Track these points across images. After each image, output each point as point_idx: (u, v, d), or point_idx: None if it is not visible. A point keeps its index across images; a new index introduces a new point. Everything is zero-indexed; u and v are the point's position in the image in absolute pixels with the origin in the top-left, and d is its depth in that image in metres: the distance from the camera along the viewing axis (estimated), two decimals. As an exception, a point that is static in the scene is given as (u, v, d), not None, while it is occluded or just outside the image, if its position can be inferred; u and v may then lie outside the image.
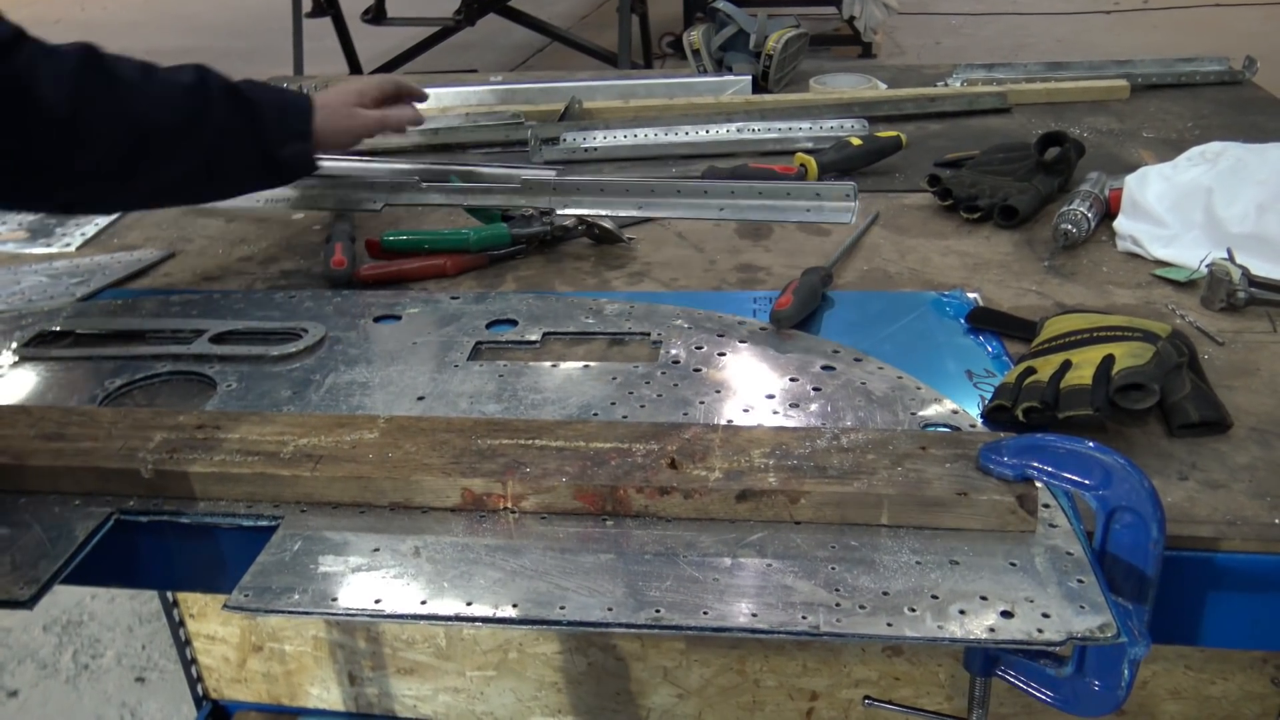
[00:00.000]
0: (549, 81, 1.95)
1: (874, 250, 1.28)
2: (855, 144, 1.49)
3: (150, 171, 1.14)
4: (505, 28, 6.39)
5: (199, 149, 1.16)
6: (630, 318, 1.14)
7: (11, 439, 0.92)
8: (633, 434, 0.88)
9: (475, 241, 1.27)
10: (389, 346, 1.11)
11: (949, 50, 6.44)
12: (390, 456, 0.87)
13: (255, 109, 1.19)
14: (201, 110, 1.15)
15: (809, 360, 1.04)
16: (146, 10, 9.48)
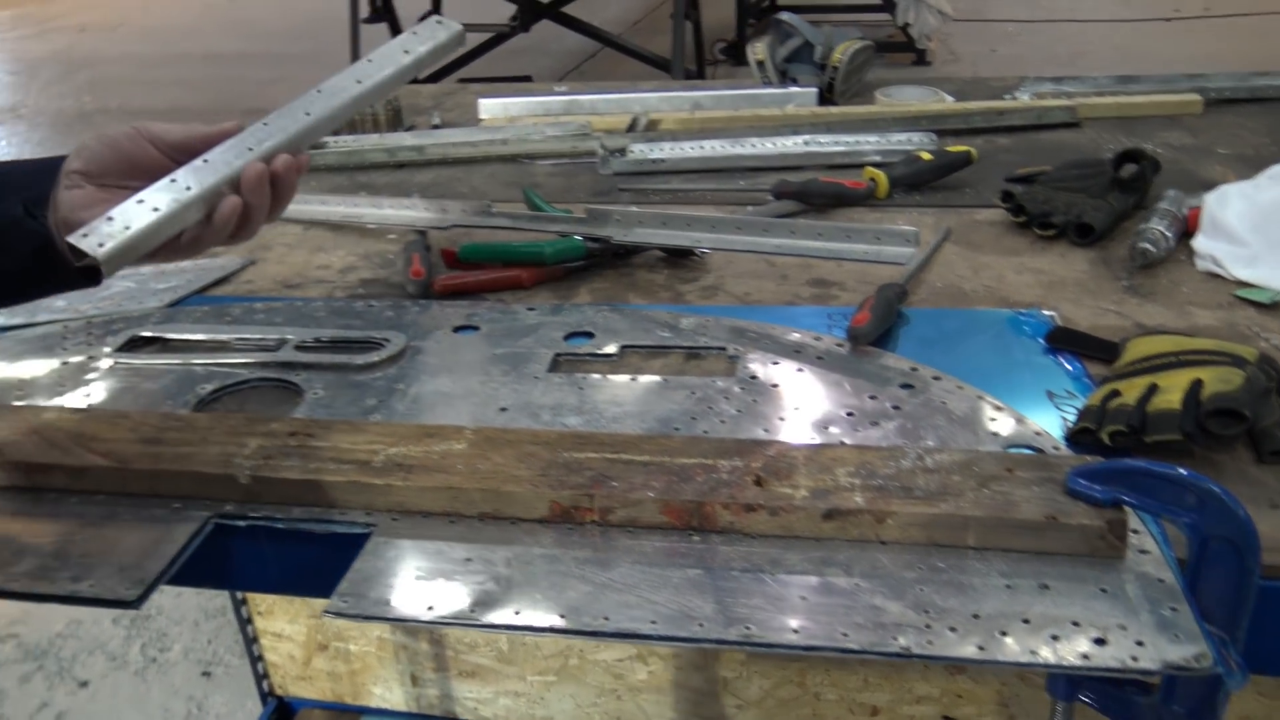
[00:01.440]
0: (613, 92, 1.97)
1: (947, 266, 1.28)
2: (925, 158, 1.49)
3: None
4: (558, 33, 6.44)
5: None
6: (706, 332, 1.15)
7: (114, 443, 0.95)
8: (717, 450, 0.89)
9: (551, 254, 1.29)
10: (469, 357, 1.13)
11: (1005, 58, 6.38)
12: (479, 468, 0.89)
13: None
14: None
15: (887, 378, 1.04)
16: (206, 15, 9.66)
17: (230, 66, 7.65)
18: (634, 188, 1.58)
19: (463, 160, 1.73)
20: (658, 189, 1.56)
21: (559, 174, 1.67)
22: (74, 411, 1.01)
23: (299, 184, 0.96)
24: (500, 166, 1.71)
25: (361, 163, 1.74)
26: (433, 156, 1.73)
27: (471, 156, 1.73)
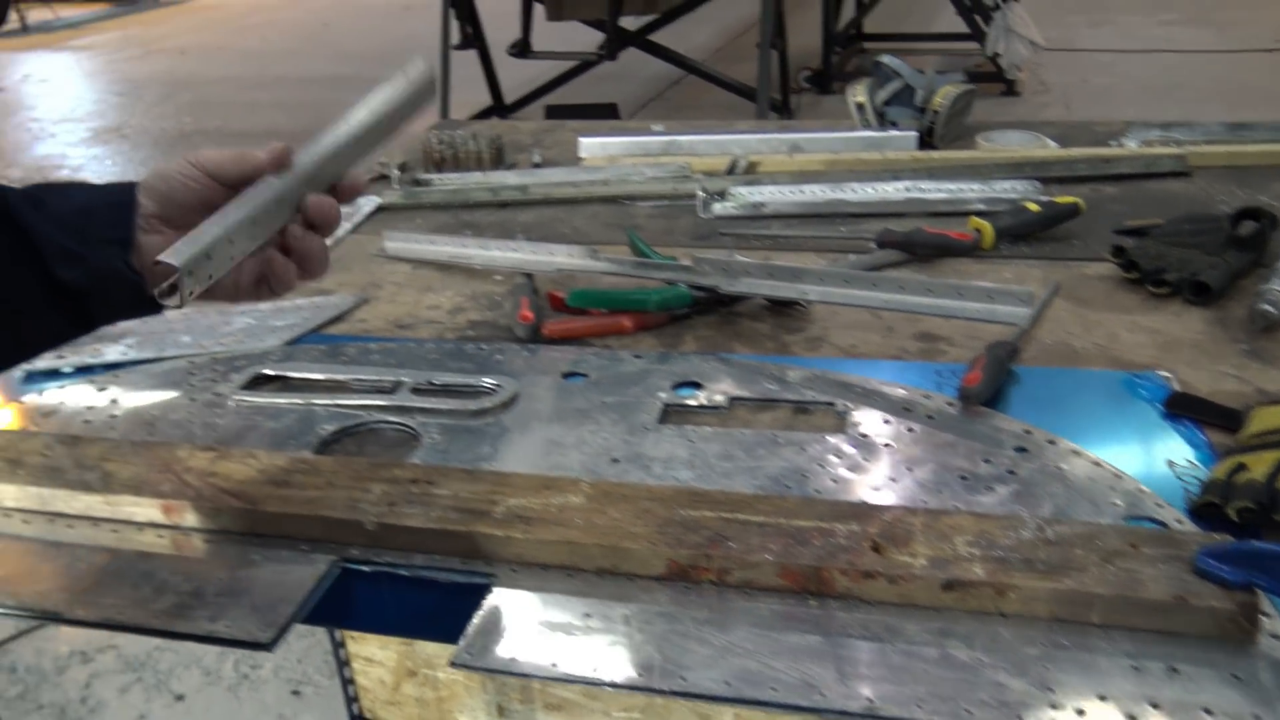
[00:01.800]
0: (711, 133, 1.99)
1: (1057, 323, 1.27)
2: (1032, 209, 1.48)
3: None
4: (643, 59, 6.50)
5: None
6: (814, 386, 1.16)
7: (244, 483, 0.99)
8: (833, 513, 0.90)
9: (657, 302, 1.30)
10: (580, 405, 1.15)
11: (1098, 89, 6.27)
12: (597, 523, 0.91)
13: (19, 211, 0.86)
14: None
15: (1000, 441, 1.04)
16: (301, 40, 9.95)
17: (323, 90, 7.85)
18: (735, 232, 1.59)
19: (565, 200, 1.76)
20: (759, 234, 1.58)
21: (659, 216, 1.69)
22: (206, 450, 1.05)
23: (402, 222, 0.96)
24: (601, 207, 1.74)
25: (466, 201, 1.78)
26: (535, 196, 1.76)
27: (573, 197, 1.76)
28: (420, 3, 10.44)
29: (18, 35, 11.18)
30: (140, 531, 0.99)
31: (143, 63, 9.38)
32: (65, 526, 1.00)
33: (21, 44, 10.71)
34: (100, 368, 1.31)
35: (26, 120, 7.75)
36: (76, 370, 1.31)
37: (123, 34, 10.97)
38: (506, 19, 5.99)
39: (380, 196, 1.81)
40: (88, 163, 6.57)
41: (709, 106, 6.48)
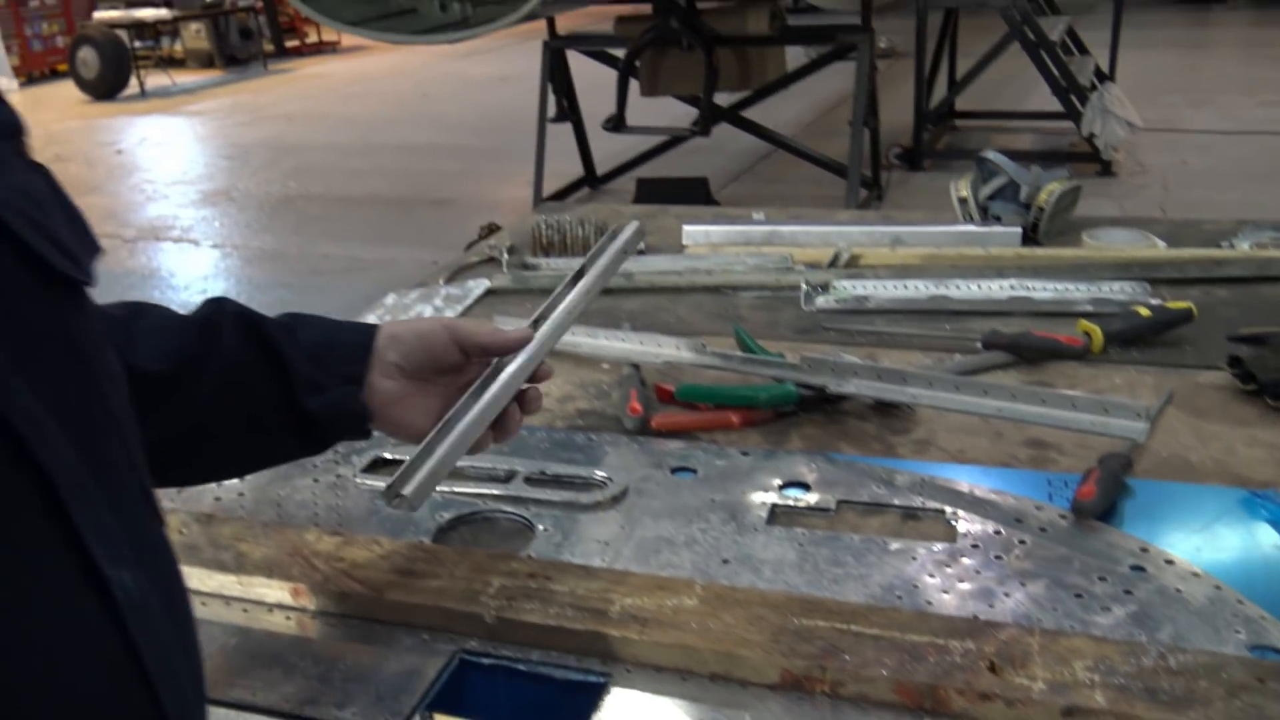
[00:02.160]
0: (813, 223, 2.02)
1: (1171, 434, 1.25)
2: (1143, 314, 1.47)
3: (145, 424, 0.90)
4: (733, 133, 6.61)
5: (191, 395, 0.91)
6: (922, 491, 1.16)
7: (368, 570, 1.03)
8: (948, 629, 0.90)
9: (765, 400, 1.33)
10: (689, 501, 1.17)
11: (1197, 171, 6.17)
12: (711, 627, 0.92)
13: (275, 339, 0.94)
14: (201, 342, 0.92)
15: (1115, 558, 1.03)
16: (401, 109, 10.32)
17: (422, 158, 8.13)
18: (838, 326, 1.61)
19: (668, 289, 1.80)
20: (862, 329, 1.59)
21: (762, 306, 1.72)
22: (332, 534, 1.10)
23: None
24: (705, 296, 1.78)
25: (573, 286, 1.83)
26: (640, 284, 1.81)
27: (677, 285, 1.80)
28: (516, 74, 10.79)
29: (137, 100, 11.81)
30: (269, 612, 1.03)
31: (251, 128, 9.82)
32: (199, 603, 1.05)
33: (140, 108, 11.30)
34: (229, 444, 1.37)
35: (141, 181, 8.15)
36: (207, 446, 1.37)
37: (234, 100, 11.50)
38: (600, 92, 6.14)
39: (490, 279, 1.87)
40: (196, 223, 6.87)
41: (798, 181, 6.54)
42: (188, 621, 0.70)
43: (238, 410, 0.94)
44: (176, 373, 0.91)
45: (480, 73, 11.83)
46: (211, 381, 0.92)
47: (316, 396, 0.95)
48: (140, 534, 0.64)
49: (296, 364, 0.94)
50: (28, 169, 0.64)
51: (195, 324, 0.94)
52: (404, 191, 7.21)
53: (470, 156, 8.00)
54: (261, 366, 0.94)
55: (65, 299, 0.62)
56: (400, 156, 8.26)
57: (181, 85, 12.69)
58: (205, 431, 0.93)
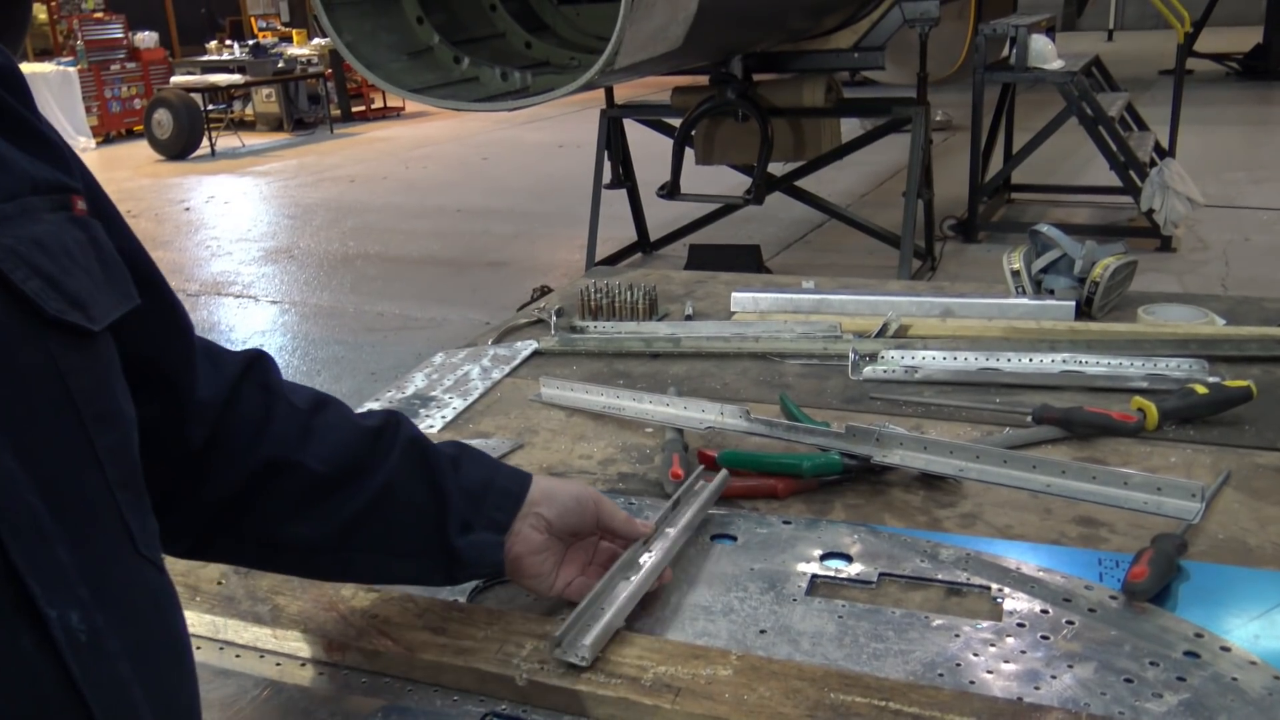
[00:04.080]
0: (862, 292, 2.01)
1: (1228, 515, 1.21)
2: (1200, 391, 1.44)
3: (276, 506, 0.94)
4: (787, 202, 6.64)
5: (350, 500, 0.96)
6: (968, 567, 1.13)
7: (402, 628, 1.03)
8: (990, 710, 0.87)
9: (809, 469, 1.31)
10: (728, 569, 1.16)
11: (1260, 248, 6.07)
12: (746, 699, 0.90)
13: (441, 472, 1.00)
14: (372, 456, 0.97)
15: (1168, 642, 0.99)
16: (460, 172, 10.53)
17: (478, 221, 8.27)
18: (886, 396, 1.59)
19: (715, 354, 1.80)
20: (910, 400, 1.57)
21: (810, 375, 1.71)
22: (368, 591, 1.09)
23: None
24: (751, 363, 1.77)
25: (619, 350, 1.83)
26: (687, 349, 1.81)
27: (724, 351, 1.80)
28: (573, 141, 10.99)
29: (207, 160, 12.20)
30: (302, 667, 1.03)
31: (314, 189, 10.08)
32: (233, 655, 1.05)
33: (210, 168, 11.66)
34: (273, 497, 1.38)
35: (207, 238, 8.38)
36: (251, 498, 1.38)
37: (299, 162, 11.83)
38: (655, 160, 6.22)
39: (537, 341, 1.88)
40: (257, 280, 7.03)
41: (851, 251, 6.54)
42: (165, 666, 0.70)
43: (387, 530, 0.98)
44: (339, 479, 0.96)
45: (538, 139, 12.06)
46: (369, 496, 0.96)
47: (464, 536, 1.00)
48: (108, 574, 0.65)
49: (455, 501, 1.00)
50: (65, 222, 0.68)
51: (370, 435, 0.99)
52: (459, 253, 7.32)
53: (525, 220, 8.12)
54: (421, 495, 0.99)
55: (60, 342, 0.64)
56: (457, 219, 8.41)
57: (250, 147, 13.09)
58: (351, 541, 0.98)
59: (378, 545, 0.99)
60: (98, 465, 0.67)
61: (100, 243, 0.72)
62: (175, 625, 0.75)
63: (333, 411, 0.99)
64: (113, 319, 0.70)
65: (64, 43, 14.51)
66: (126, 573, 0.68)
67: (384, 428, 1.00)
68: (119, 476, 0.68)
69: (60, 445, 0.64)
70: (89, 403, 0.66)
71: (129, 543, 0.69)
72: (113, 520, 0.68)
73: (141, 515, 0.71)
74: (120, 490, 0.68)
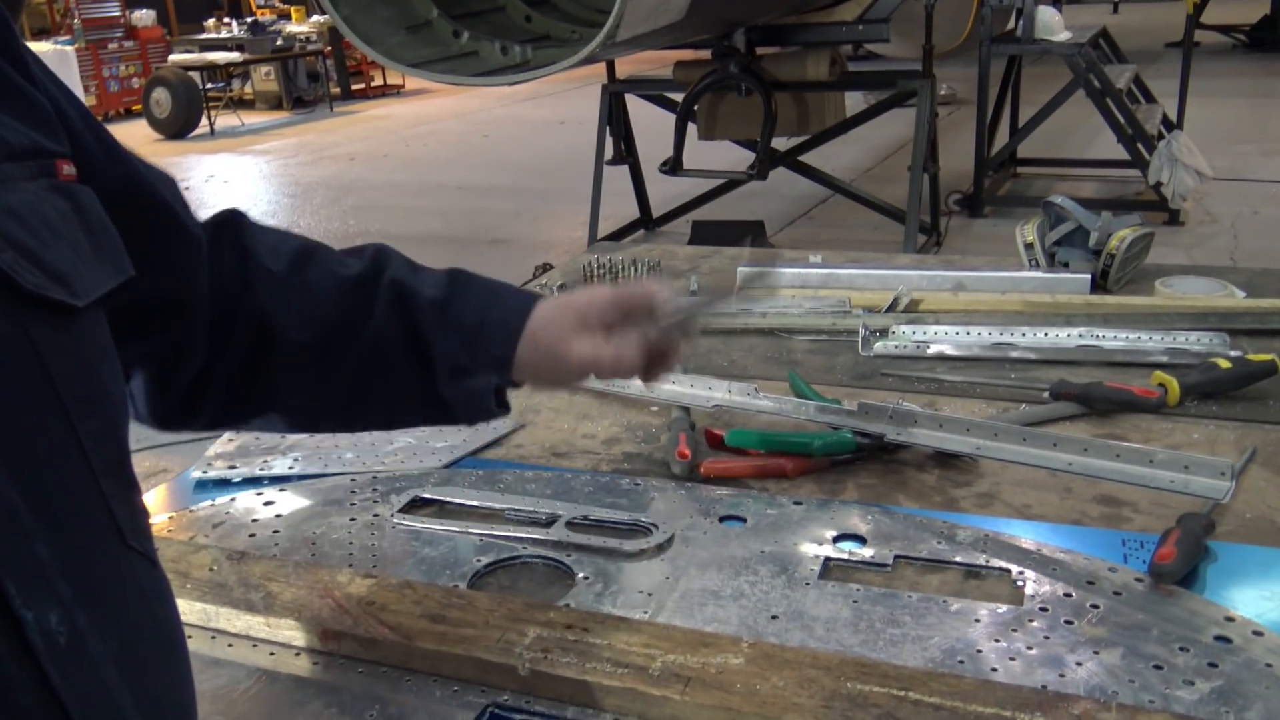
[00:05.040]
0: (871, 266, 1.96)
1: (1255, 493, 1.17)
2: (1223, 366, 1.39)
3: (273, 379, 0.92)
4: (790, 177, 6.57)
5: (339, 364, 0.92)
6: (987, 549, 1.09)
7: (400, 615, 0.99)
8: (1014, 700, 0.83)
9: (820, 448, 1.27)
10: (737, 552, 1.12)
11: (1269, 221, 6.01)
12: (758, 689, 0.86)
13: (424, 323, 0.92)
14: (355, 312, 0.92)
15: (1198, 626, 0.95)
16: (461, 150, 10.45)
17: (479, 199, 8.20)
18: (897, 373, 1.55)
19: (722, 331, 1.75)
20: (922, 376, 1.53)
21: (818, 351, 1.66)
22: (365, 577, 1.05)
23: None
24: (759, 339, 1.72)
25: (623, 326, 1.78)
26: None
27: (730, 328, 1.75)
28: (574, 118, 10.89)
29: (206, 139, 12.10)
30: (297, 656, 0.99)
31: (314, 167, 10.00)
32: (225, 644, 1.01)
33: (209, 147, 11.57)
34: (267, 480, 1.34)
35: (207, 218, 8.31)
36: (245, 481, 1.35)
37: (299, 140, 11.74)
38: (658, 136, 6.15)
39: (539, 318, 1.83)
40: (259, 260, 6.96)
41: (856, 226, 6.47)
42: (156, 667, 0.66)
43: (383, 386, 0.94)
44: (324, 344, 0.91)
45: (539, 116, 11.96)
46: (357, 357, 0.92)
47: (455, 384, 0.93)
48: (92, 570, 0.61)
49: (440, 352, 0.92)
50: (46, 191, 0.63)
51: (351, 287, 0.92)
52: (460, 231, 7.26)
53: (527, 197, 8.06)
54: (405, 350, 0.92)
55: (39, 319, 0.60)
56: (458, 196, 8.35)
57: (250, 125, 12.99)
58: (351, 402, 0.95)
59: (377, 400, 0.95)
60: (80, 452, 0.62)
61: (87, 211, 0.67)
62: (167, 621, 0.70)
63: (313, 266, 0.93)
64: (101, 293, 0.66)
65: (61, 21, 14.41)
66: (113, 567, 0.64)
67: (366, 276, 0.93)
68: (104, 464, 0.64)
69: (38, 431, 0.60)
70: (71, 385, 0.62)
71: (115, 535, 0.65)
72: (97, 511, 0.63)
73: (130, 505, 0.67)
74: (105, 479, 0.64)
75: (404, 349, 0.93)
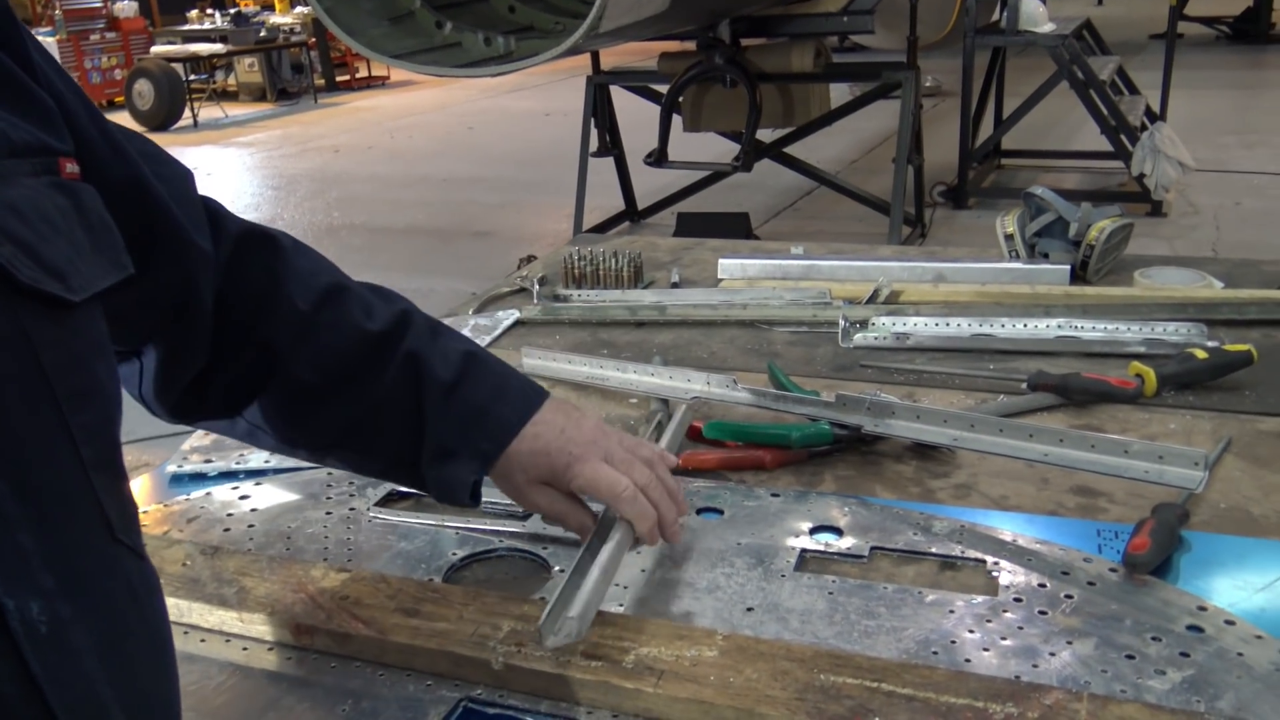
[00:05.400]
0: (852, 258, 1.96)
1: (1230, 484, 1.18)
2: (1199, 356, 1.39)
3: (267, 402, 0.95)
4: (775, 169, 6.58)
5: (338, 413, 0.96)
6: (962, 540, 1.09)
7: (374, 610, 0.98)
8: (987, 691, 0.83)
9: (798, 440, 1.27)
10: (714, 545, 1.11)
11: (1251, 213, 6.04)
12: (732, 681, 0.86)
13: (430, 398, 0.95)
14: (367, 369, 0.95)
15: (1170, 617, 0.95)
16: (446, 142, 10.42)
17: (464, 190, 8.18)
18: (877, 364, 1.55)
19: (702, 322, 1.75)
20: (902, 367, 1.53)
21: (798, 343, 1.66)
22: (339, 571, 1.05)
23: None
24: (739, 331, 1.72)
25: (603, 319, 1.78)
26: (673, 317, 1.76)
27: (711, 319, 1.75)
28: (559, 110, 10.87)
29: (189, 131, 12.04)
30: (270, 651, 0.98)
31: (298, 160, 9.95)
32: (198, 640, 1.01)
33: (192, 139, 11.51)
34: (243, 473, 1.33)
35: (191, 210, 8.25)
36: (220, 475, 1.34)
37: (283, 132, 11.68)
38: (643, 128, 6.14)
39: (520, 310, 1.83)
40: (242, 252, 6.93)
41: (840, 218, 6.48)
42: (140, 661, 0.66)
43: (369, 443, 0.98)
44: (328, 390, 0.95)
45: (524, 108, 11.94)
46: (355, 412, 0.96)
47: (437, 467, 0.96)
48: (77, 562, 0.61)
49: (431, 433, 0.95)
50: (47, 187, 0.64)
51: (371, 343, 0.95)
52: (445, 223, 7.24)
53: (512, 189, 8.04)
54: (404, 420, 0.96)
55: (34, 312, 0.60)
56: (442, 189, 8.32)
57: (233, 117, 12.93)
58: (333, 447, 1.00)
59: (358, 450, 1.00)
60: (71, 445, 0.62)
61: (88, 208, 0.68)
62: (153, 616, 0.70)
63: (339, 309, 0.95)
64: (97, 290, 0.66)
65: (42, 13, 14.29)
66: (100, 560, 0.64)
67: (388, 335, 0.96)
68: (95, 457, 0.64)
69: (29, 423, 0.60)
70: (64, 378, 0.62)
71: (104, 528, 0.64)
72: (86, 504, 0.63)
73: (120, 499, 0.67)
74: (96, 472, 0.64)
75: (402, 418, 0.96)
